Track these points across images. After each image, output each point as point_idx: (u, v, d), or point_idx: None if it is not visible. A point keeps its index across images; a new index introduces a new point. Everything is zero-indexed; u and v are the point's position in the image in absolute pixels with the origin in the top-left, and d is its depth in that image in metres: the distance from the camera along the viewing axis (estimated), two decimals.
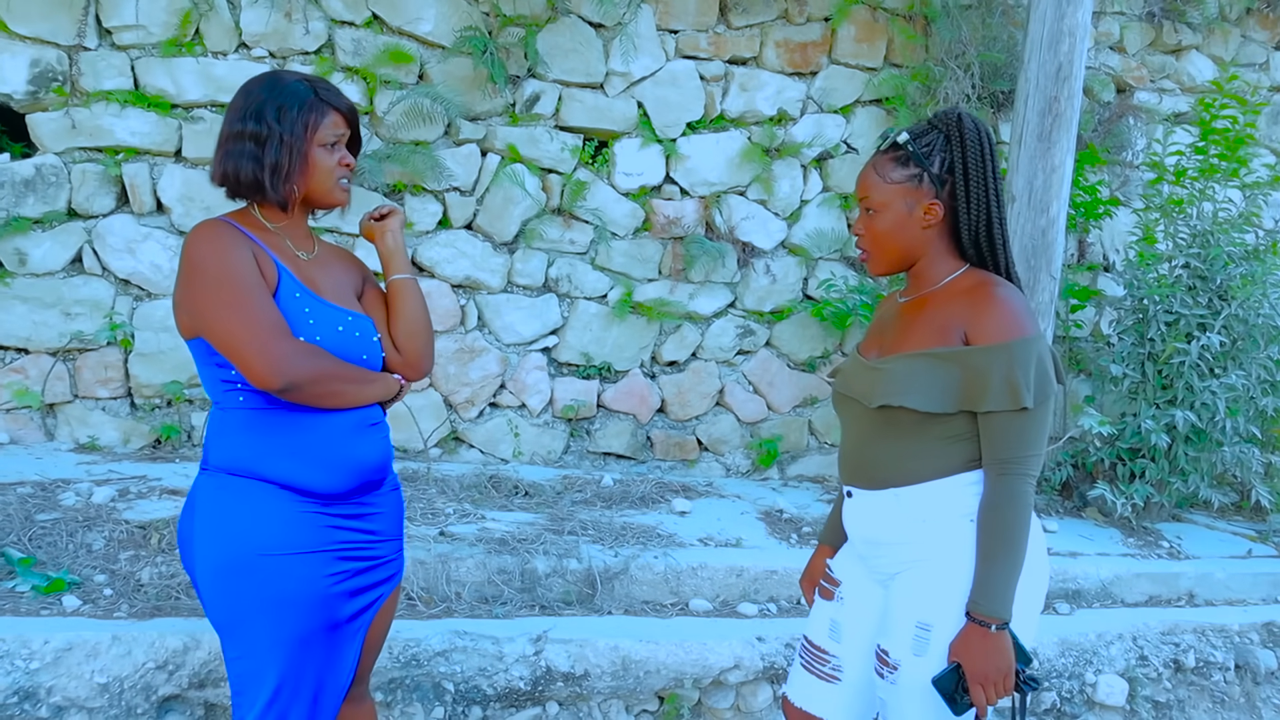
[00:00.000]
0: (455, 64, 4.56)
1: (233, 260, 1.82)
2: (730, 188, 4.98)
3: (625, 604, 3.49)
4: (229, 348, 1.79)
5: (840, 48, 5.09)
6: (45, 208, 4.19)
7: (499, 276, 4.72)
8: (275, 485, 1.86)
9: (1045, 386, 1.81)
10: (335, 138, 1.96)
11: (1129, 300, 4.87)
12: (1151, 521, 4.75)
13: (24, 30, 4.13)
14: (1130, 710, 3.42)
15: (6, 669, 2.55)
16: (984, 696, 1.76)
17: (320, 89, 1.96)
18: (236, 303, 1.79)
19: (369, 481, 1.97)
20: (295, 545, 1.85)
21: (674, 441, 5.01)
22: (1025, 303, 1.86)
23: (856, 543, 2.03)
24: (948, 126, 1.90)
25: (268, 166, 1.89)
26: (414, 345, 2.08)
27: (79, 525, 3.32)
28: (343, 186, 2.00)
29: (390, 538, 2.05)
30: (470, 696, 2.91)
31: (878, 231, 1.94)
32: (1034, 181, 4.25)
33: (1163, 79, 5.60)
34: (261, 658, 1.84)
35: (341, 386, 1.89)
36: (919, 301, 1.96)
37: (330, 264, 2.05)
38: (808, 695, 2.08)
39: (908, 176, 1.90)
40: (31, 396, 4.19)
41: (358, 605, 1.95)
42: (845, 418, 2.04)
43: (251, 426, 1.87)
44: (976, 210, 1.90)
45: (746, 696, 3.16)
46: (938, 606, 1.83)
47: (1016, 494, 1.80)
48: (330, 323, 1.92)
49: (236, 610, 1.83)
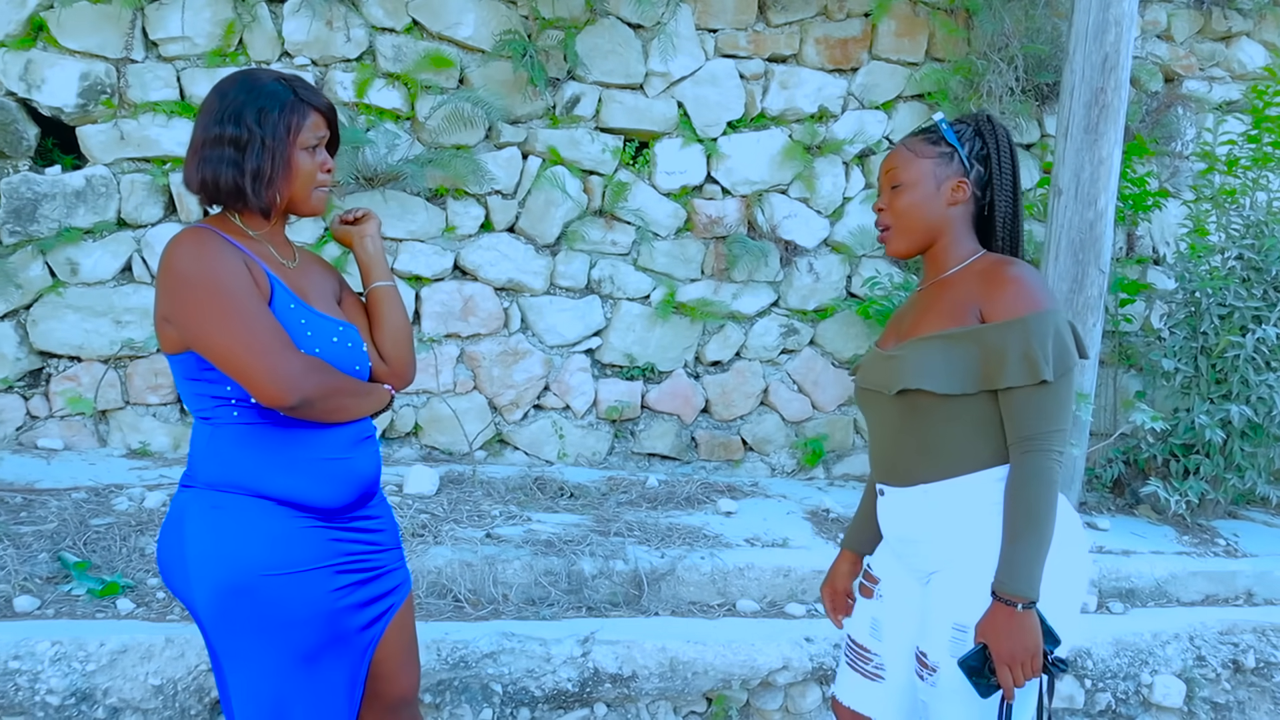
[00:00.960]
0: (495, 68, 4.58)
1: (226, 271, 1.72)
2: (772, 186, 4.96)
3: (672, 605, 3.48)
4: (232, 364, 1.70)
5: (881, 43, 5.04)
6: (96, 218, 4.26)
7: (541, 279, 4.73)
8: (271, 501, 1.78)
9: (1065, 359, 1.78)
10: (317, 139, 1.87)
11: (1180, 293, 4.78)
12: (1207, 519, 4.66)
13: (73, 44, 4.21)
14: (1188, 712, 3.35)
15: (64, 671, 2.59)
16: (1010, 677, 1.73)
17: (299, 88, 1.86)
18: (236, 316, 1.70)
19: (366, 494, 1.93)
20: (298, 563, 1.78)
21: (719, 442, 4.99)
22: (1041, 278, 1.84)
23: (891, 541, 2.02)
24: (979, 122, 1.96)
25: (249, 172, 1.79)
26: (400, 354, 2.02)
27: (132, 529, 3.37)
28: (322, 192, 1.90)
29: (391, 547, 2.00)
30: (518, 698, 2.91)
31: (902, 206, 1.95)
32: (1081, 174, 4.19)
33: (1212, 67, 5.49)
34: (271, 679, 1.77)
35: (348, 400, 1.84)
36: (934, 287, 1.96)
37: (312, 272, 1.97)
38: (855, 694, 2.07)
39: (939, 154, 1.93)
40: (84, 403, 4.26)
41: (367, 616, 1.90)
42: (870, 413, 2.02)
43: (246, 442, 1.79)
44: (1005, 201, 1.94)
45: (795, 698, 3.14)
46: (974, 607, 1.80)
47: (1041, 470, 1.76)
48: (326, 334, 1.85)
49: (243, 633, 1.76)
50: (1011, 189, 1.93)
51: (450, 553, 3.41)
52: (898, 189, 1.95)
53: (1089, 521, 4.45)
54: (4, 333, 4.23)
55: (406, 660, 2.02)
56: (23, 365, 4.27)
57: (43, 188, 4.20)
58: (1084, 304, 4.22)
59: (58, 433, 4.29)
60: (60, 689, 2.58)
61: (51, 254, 4.23)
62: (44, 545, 3.23)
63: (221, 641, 1.77)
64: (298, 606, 1.77)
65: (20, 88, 4.19)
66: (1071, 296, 4.22)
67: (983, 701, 1.79)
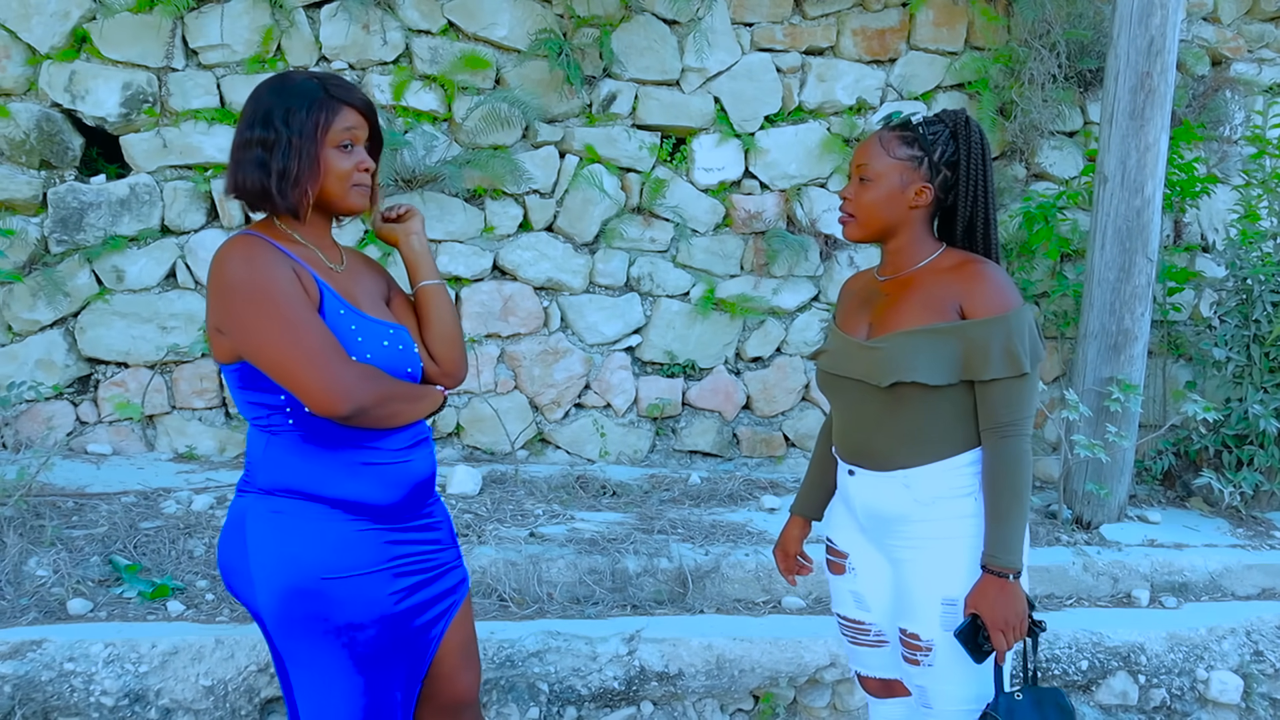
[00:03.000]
0: (531, 67, 4.58)
1: (275, 279, 1.70)
2: (811, 180, 4.92)
3: (717, 602, 3.46)
4: (284, 375, 1.69)
5: (919, 33, 4.98)
6: (140, 225, 4.32)
7: (581, 277, 4.73)
8: (329, 505, 1.79)
9: (1037, 351, 1.94)
10: (349, 137, 1.82)
11: (1231, 281, 4.68)
12: (1261, 511, 4.56)
13: (115, 55, 4.27)
14: (1246, 708, 3.28)
15: (117, 672, 2.63)
16: (1004, 641, 1.88)
17: (331, 85, 1.82)
18: (287, 326, 1.69)
19: (421, 496, 1.93)
20: (356, 566, 1.79)
21: (760, 438, 4.96)
22: (1008, 277, 1.99)
23: (863, 519, 2.09)
24: (955, 123, 2.02)
25: (275, 172, 1.76)
26: (450, 353, 1.99)
27: (180, 532, 3.41)
28: (361, 190, 1.86)
29: (449, 545, 2.00)
30: (565, 697, 2.91)
31: (867, 201, 2.03)
32: (1127, 161, 4.11)
33: (1261, 48, 5.36)
34: (332, 680, 1.78)
35: (402, 406, 1.83)
36: (903, 281, 2.04)
37: (361, 274, 1.95)
38: (872, 664, 2.20)
39: (910, 156, 2.00)
40: (132, 409, 4.32)
41: (428, 617, 1.91)
42: (840, 399, 2.10)
43: (302, 448, 1.79)
44: (971, 204, 2.01)
45: (843, 695, 3.11)
46: (960, 580, 1.94)
47: (1019, 454, 1.92)
48: (376, 339, 1.83)
49: (304, 636, 1.77)
50: (983, 194, 2.01)
51: (494, 552, 3.42)
52: (865, 182, 2.04)
53: (1140, 514, 4.37)
54: (53, 340, 4.30)
55: (465, 659, 2.01)
56: (71, 372, 4.34)
57: (88, 197, 4.27)
58: (1131, 293, 4.15)
59: (106, 438, 4.35)
60: (114, 690, 2.61)
61: (98, 262, 4.29)
62: (95, 549, 3.28)
63: (284, 643, 1.79)
64: (357, 609, 1.78)
65: (65, 99, 4.26)
66: (1119, 285, 4.15)
67: (977, 670, 1.94)
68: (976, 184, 2.00)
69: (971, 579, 1.93)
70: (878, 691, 2.22)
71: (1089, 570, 3.77)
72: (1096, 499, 4.18)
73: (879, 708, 2.24)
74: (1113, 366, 4.18)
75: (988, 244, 2.04)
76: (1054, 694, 1.97)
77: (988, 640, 1.89)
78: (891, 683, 2.18)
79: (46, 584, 3.07)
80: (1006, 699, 1.93)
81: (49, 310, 4.27)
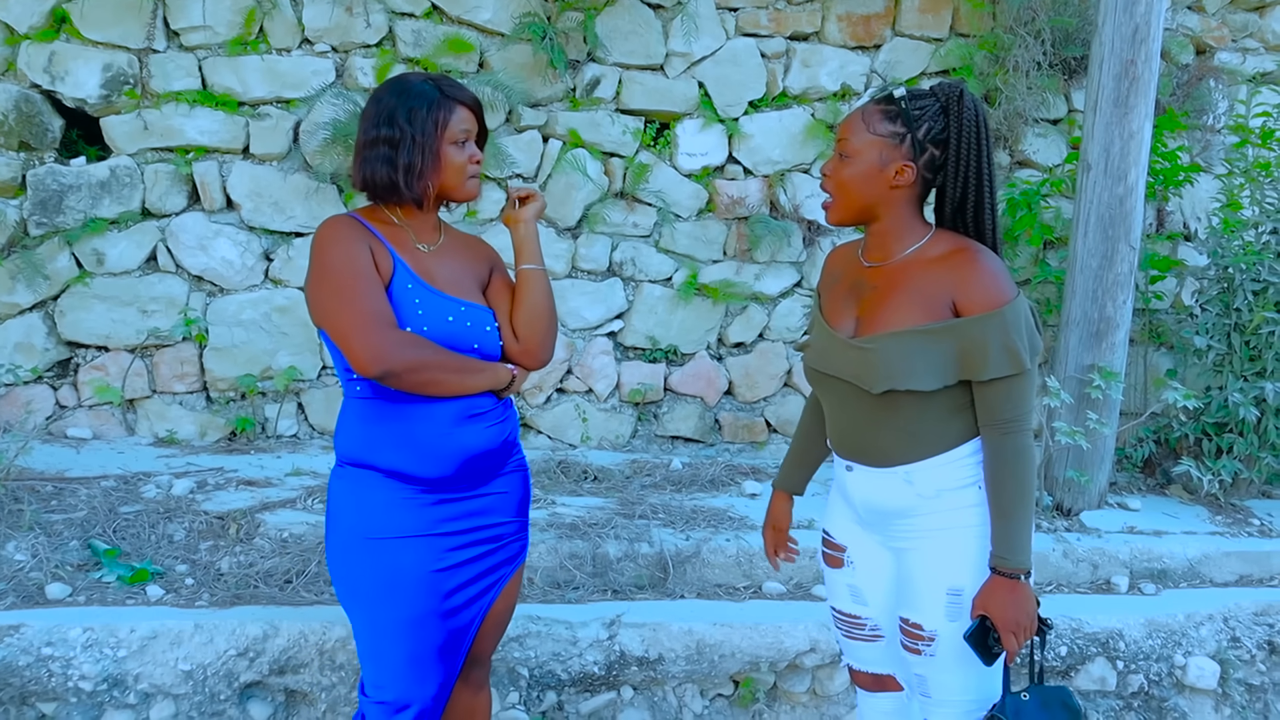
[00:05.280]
0: (515, 51, 4.56)
1: (346, 252, 1.91)
2: (794, 166, 4.92)
3: (698, 587, 3.47)
4: (337, 335, 1.89)
5: (904, 19, 4.97)
6: (120, 208, 4.28)
7: (563, 262, 4.72)
8: (383, 473, 1.96)
9: (1036, 343, 1.86)
10: (464, 134, 2.01)
11: (1213, 269, 4.70)
12: (1240, 498, 4.59)
13: (96, 36, 4.22)
14: (1222, 693, 3.31)
15: (96, 657, 2.62)
16: (1015, 643, 1.84)
17: (445, 86, 2.01)
18: (345, 292, 1.88)
19: (480, 468, 2.04)
20: (400, 529, 1.95)
21: (742, 424, 4.97)
22: (1002, 263, 1.88)
23: (861, 511, 2.05)
24: (947, 98, 1.88)
25: (401, 168, 1.96)
26: (532, 333, 2.10)
27: (160, 517, 3.39)
28: (474, 181, 2.05)
29: (509, 519, 2.12)
30: (545, 681, 2.92)
31: (845, 178, 1.91)
32: (1110, 149, 4.11)
33: (1245, 38, 5.37)
34: (378, 636, 1.96)
35: (443, 375, 1.95)
36: (890, 271, 1.93)
37: (453, 255, 2.10)
38: (865, 658, 2.16)
39: (891, 133, 1.87)
40: (112, 393, 4.29)
41: (477, 589, 2.05)
42: (831, 397, 2.03)
43: (366, 416, 1.98)
44: (959, 184, 1.89)
45: (823, 680, 3.13)
46: (966, 571, 1.90)
47: (1023, 449, 1.85)
48: (440, 313, 1.98)
49: (352, 591, 1.97)
50: (975, 175, 1.88)
51: None
52: (844, 158, 1.91)
53: (1120, 502, 4.40)
54: (32, 323, 4.27)
55: (494, 626, 2.18)
56: (51, 355, 4.31)
57: (68, 179, 4.23)
58: (1114, 280, 4.16)
59: (86, 422, 4.33)
60: (92, 674, 2.61)
61: (78, 245, 4.26)
62: (74, 533, 3.27)
63: (341, 597, 2.01)
64: (398, 570, 1.94)
65: (44, 80, 4.22)
66: (1101, 273, 4.16)
67: (978, 661, 1.88)
68: (968, 165, 1.87)
69: (977, 569, 1.89)
70: (869, 685, 2.20)
71: (1069, 557, 3.79)
72: (1077, 486, 4.20)
73: (869, 701, 2.22)
74: (1094, 354, 4.19)
75: (979, 228, 1.91)
76: (1060, 692, 1.93)
77: (998, 642, 1.85)
78: (884, 678, 2.16)
79: (25, 568, 3.06)
80: (1014, 700, 1.89)
81: (28, 293, 4.23)
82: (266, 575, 3.16)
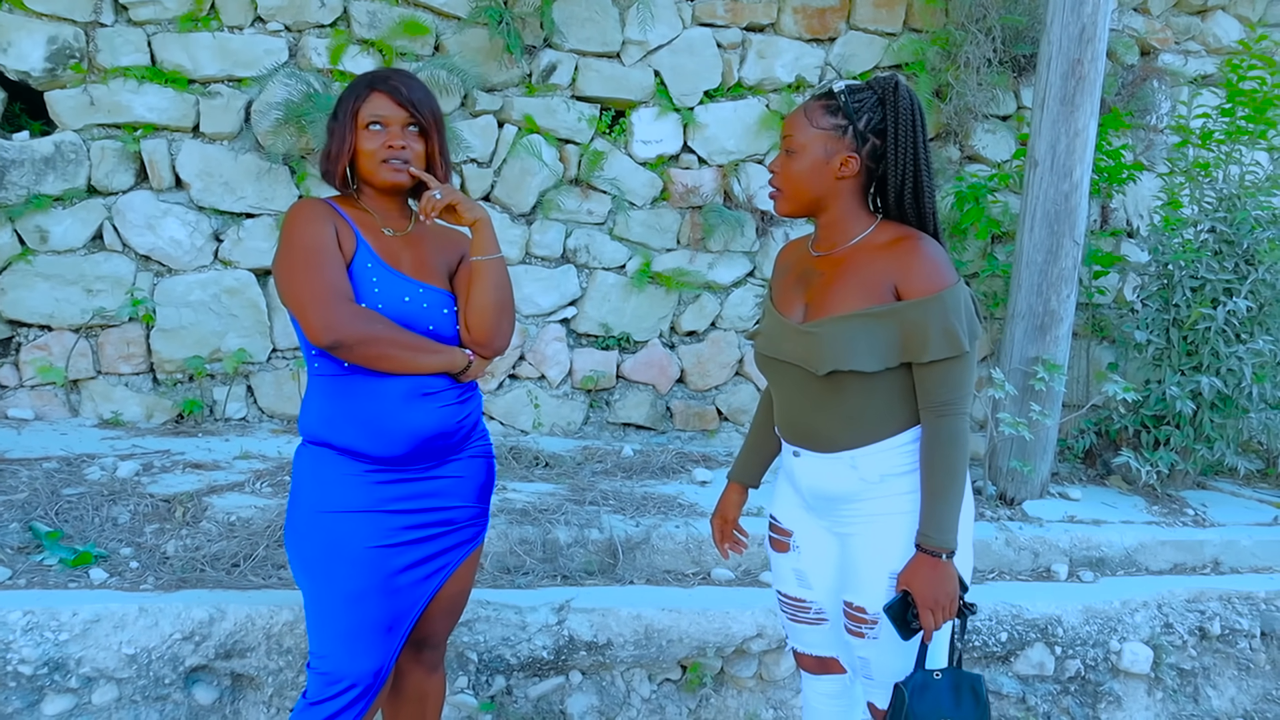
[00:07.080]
0: (471, 35, 4.53)
1: (311, 230, 1.96)
2: (749, 156, 4.95)
3: (647, 573, 3.50)
4: (295, 305, 1.92)
5: (859, 13, 5.02)
6: (65, 185, 4.20)
7: (517, 248, 4.71)
8: (337, 450, 2.01)
9: (975, 328, 1.92)
10: (373, 118, 2.02)
11: (1153, 266, 4.81)
12: (1176, 489, 4.71)
13: (40, 7, 4.12)
14: (1155, 678, 3.41)
15: (36, 640, 2.58)
16: (932, 621, 1.88)
17: (377, 75, 2.07)
18: (304, 266, 1.93)
19: (432, 449, 2.06)
20: (344, 504, 1.98)
21: (694, 412, 5.00)
22: (945, 252, 1.94)
23: (807, 497, 2.10)
24: (884, 91, 1.95)
25: (324, 153, 2.07)
26: (479, 322, 2.10)
27: (104, 499, 3.35)
28: (392, 166, 2.03)
29: (465, 503, 2.13)
30: (494, 666, 2.93)
31: (792, 173, 1.98)
32: (1057, 146, 4.19)
33: (1188, 40, 5.50)
34: (320, 607, 1.99)
35: (394, 351, 1.97)
36: (837, 259, 2.00)
37: (423, 242, 2.13)
38: (810, 642, 2.21)
39: (833, 126, 1.94)
40: (55, 373, 4.22)
41: (425, 571, 2.06)
42: (779, 381, 2.08)
43: (324, 392, 2.03)
44: (900, 172, 1.95)
45: (769, 665, 3.17)
46: (908, 555, 1.94)
47: (957, 432, 1.91)
48: (396, 292, 2.01)
49: (301, 562, 2.01)
50: (913, 161, 1.95)
51: None
52: (790, 154, 1.98)
53: (1061, 491, 4.49)
54: None
55: (447, 609, 2.19)
56: None
57: (10, 154, 4.14)
58: (1058, 275, 4.24)
59: (28, 402, 4.25)
60: (33, 659, 2.57)
61: (20, 221, 4.17)
62: (15, 515, 3.21)
63: (293, 570, 2.05)
64: (343, 543, 1.98)
65: None
66: (1046, 268, 4.24)
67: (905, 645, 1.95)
68: (905, 151, 1.94)
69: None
70: (813, 668, 2.24)
71: (1011, 545, 3.87)
72: (1020, 476, 4.29)
73: (813, 684, 2.27)
74: (1038, 347, 4.28)
75: (920, 214, 1.98)
76: (973, 679, 1.96)
77: (916, 618, 1.90)
78: (827, 660, 2.21)
79: None
80: (923, 675, 1.93)
81: None
82: (213, 559, 3.14)
